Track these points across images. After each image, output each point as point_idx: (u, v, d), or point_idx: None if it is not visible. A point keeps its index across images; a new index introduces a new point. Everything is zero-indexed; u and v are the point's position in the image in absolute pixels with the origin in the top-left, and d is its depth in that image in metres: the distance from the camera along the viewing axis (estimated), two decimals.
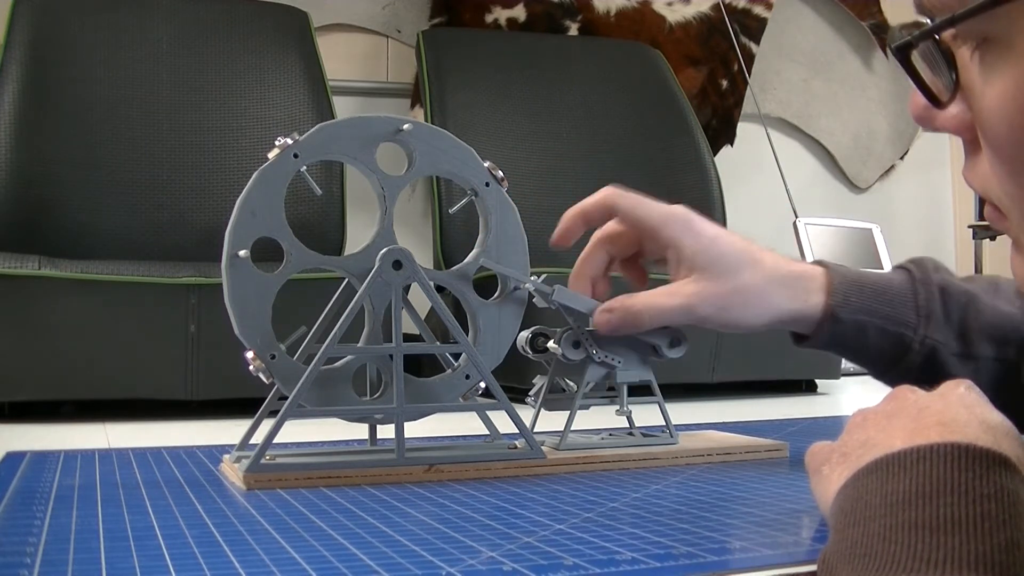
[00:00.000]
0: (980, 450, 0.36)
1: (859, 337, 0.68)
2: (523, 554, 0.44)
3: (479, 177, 0.69)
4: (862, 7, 2.75)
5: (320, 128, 0.66)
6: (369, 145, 0.67)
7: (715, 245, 0.68)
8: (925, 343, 0.68)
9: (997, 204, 0.38)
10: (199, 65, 1.88)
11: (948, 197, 2.96)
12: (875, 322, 0.68)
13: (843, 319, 0.68)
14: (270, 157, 0.64)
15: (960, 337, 0.68)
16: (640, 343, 0.72)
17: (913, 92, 0.38)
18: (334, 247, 1.75)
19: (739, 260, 0.68)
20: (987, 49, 0.34)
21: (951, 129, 0.37)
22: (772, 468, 0.70)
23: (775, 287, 0.68)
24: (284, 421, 0.63)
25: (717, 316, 0.67)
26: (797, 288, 0.68)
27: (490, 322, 0.69)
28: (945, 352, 0.68)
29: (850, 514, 0.37)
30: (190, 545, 0.47)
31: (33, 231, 1.67)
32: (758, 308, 0.67)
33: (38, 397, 1.40)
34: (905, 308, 0.68)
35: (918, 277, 0.69)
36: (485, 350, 0.69)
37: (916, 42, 0.35)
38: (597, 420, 0.79)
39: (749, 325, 0.68)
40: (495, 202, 0.69)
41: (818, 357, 1.79)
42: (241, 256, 0.63)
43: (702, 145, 2.22)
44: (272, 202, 0.64)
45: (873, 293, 0.68)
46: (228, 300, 0.63)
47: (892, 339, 0.68)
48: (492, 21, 2.34)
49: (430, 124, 0.70)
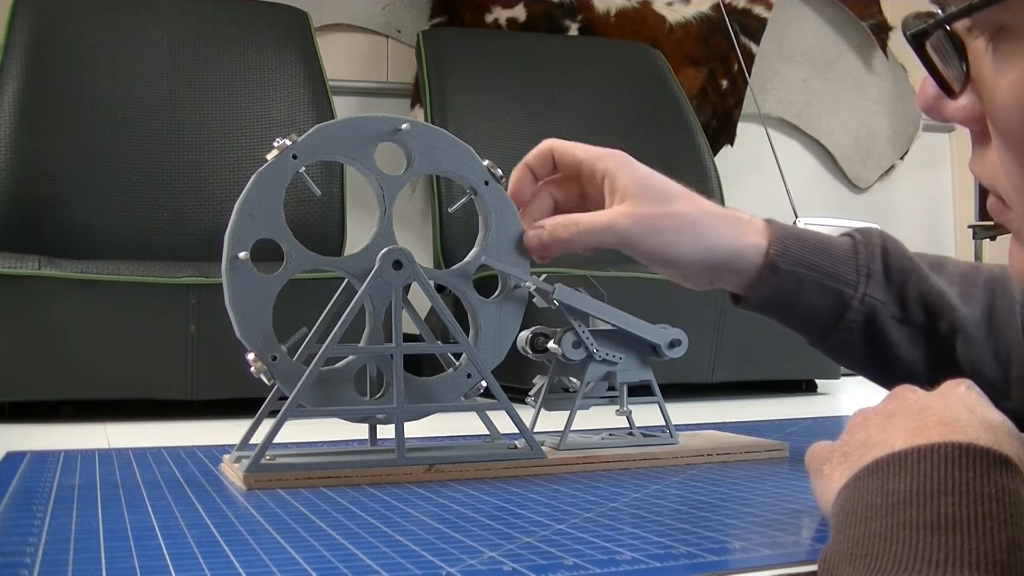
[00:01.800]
0: (981, 450, 0.36)
1: (797, 293, 0.67)
2: (523, 554, 0.44)
3: (478, 176, 0.69)
4: (862, 7, 2.75)
5: (318, 128, 0.66)
6: (367, 145, 0.67)
7: (651, 177, 0.67)
8: (865, 302, 0.66)
9: (1002, 195, 0.38)
10: (199, 65, 1.88)
11: (948, 197, 2.96)
12: (814, 276, 0.66)
13: (782, 269, 0.66)
14: (269, 158, 0.64)
15: (899, 301, 0.67)
16: (640, 343, 0.72)
17: (921, 83, 0.38)
18: (334, 247, 1.75)
19: (674, 191, 0.67)
20: (1002, 39, 0.34)
21: (960, 119, 0.37)
22: (772, 468, 0.70)
23: (710, 220, 0.66)
24: (284, 421, 0.62)
25: (647, 240, 0.65)
26: (735, 228, 0.67)
27: (491, 321, 0.69)
28: (884, 314, 0.67)
29: (851, 514, 0.37)
30: (190, 545, 0.47)
31: (33, 231, 1.67)
32: (690, 236, 0.65)
33: (38, 397, 1.40)
34: (845, 266, 0.67)
35: (859, 239, 0.69)
36: (486, 350, 0.69)
37: (932, 30, 0.35)
38: (597, 420, 0.79)
39: (680, 256, 0.66)
40: (495, 201, 0.69)
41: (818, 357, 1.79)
42: (241, 258, 0.63)
43: (702, 145, 2.22)
44: (271, 203, 0.64)
45: (814, 247, 0.67)
46: (229, 303, 0.63)
47: (831, 297, 0.67)
48: (492, 21, 2.34)
49: (429, 124, 0.69)
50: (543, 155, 0.70)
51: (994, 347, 0.66)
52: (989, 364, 0.66)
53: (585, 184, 0.70)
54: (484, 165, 0.69)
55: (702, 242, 0.66)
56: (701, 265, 0.67)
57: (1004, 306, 0.67)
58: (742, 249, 0.66)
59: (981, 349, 0.66)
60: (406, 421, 0.65)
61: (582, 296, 0.70)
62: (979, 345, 0.66)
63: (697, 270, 0.67)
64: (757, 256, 0.66)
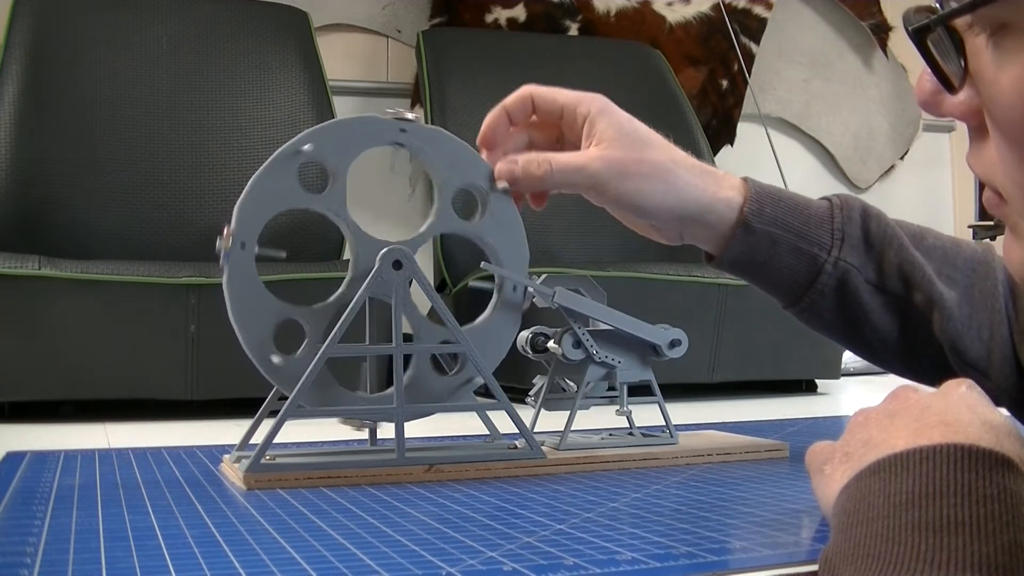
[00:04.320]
0: (983, 451, 0.36)
1: (770, 253, 0.66)
2: (523, 554, 0.44)
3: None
4: (862, 7, 2.75)
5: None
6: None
7: (629, 123, 0.66)
8: (838, 265, 0.66)
9: (999, 190, 0.38)
10: (199, 65, 1.88)
11: (948, 197, 2.96)
12: (788, 238, 0.66)
13: (756, 229, 0.65)
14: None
15: (877, 268, 0.67)
16: (640, 343, 0.72)
17: (920, 78, 0.38)
18: (335, 247, 1.75)
19: (650, 139, 0.66)
20: (1003, 35, 0.34)
21: (958, 115, 0.37)
22: (772, 468, 0.70)
23: (683, 171, 0.66)
24: (284, 421, 0.62)
25: (618, 184, 0.65)
26: (708, 180, 0.66)
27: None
28: (859, 279, 0.66)
29: (853, 514, 0.37)
30: (190, 545, 0.47)
31: (33, 231, 1.67)
32: (661, 185, 0.65)
33: (38, 397, 1.40)
34: (820, 229, 0.67)
35: (836, 203, 0.68)
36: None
37: (934, 25, 0.35)
38: (597, 420, 0.79)
39: (650, 204, 0.65)
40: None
41: (818, 357, 1.79)
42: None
43: (702, 145, 2.22)
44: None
45: (789, 208, 0.67)
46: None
47: (804, 259, 0.66)
48: (492, 21, 2.34)
49: (430, 124, 0.69)
50: (523, 100, 0.69)
51: (977, 326, 0.66)
52: (971, 342, 0.65)
53: (565, 129, 0.69)
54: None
55: (673, 191, 0.65)
56: (671, 215, 0.66)
57: (987, 287, 0.66)
58: (714, 203, 0.66)
59: (962, 326, 0.65)
60: (406, 421, 0.65)
61: (582, 298, 0.70)
62: (960, 322, 0.65)
63: (667, 221, 0.67)
64: (730, 212, 0.66)
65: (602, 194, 0.65)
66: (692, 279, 1.67)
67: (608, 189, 0.65)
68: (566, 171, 0.65)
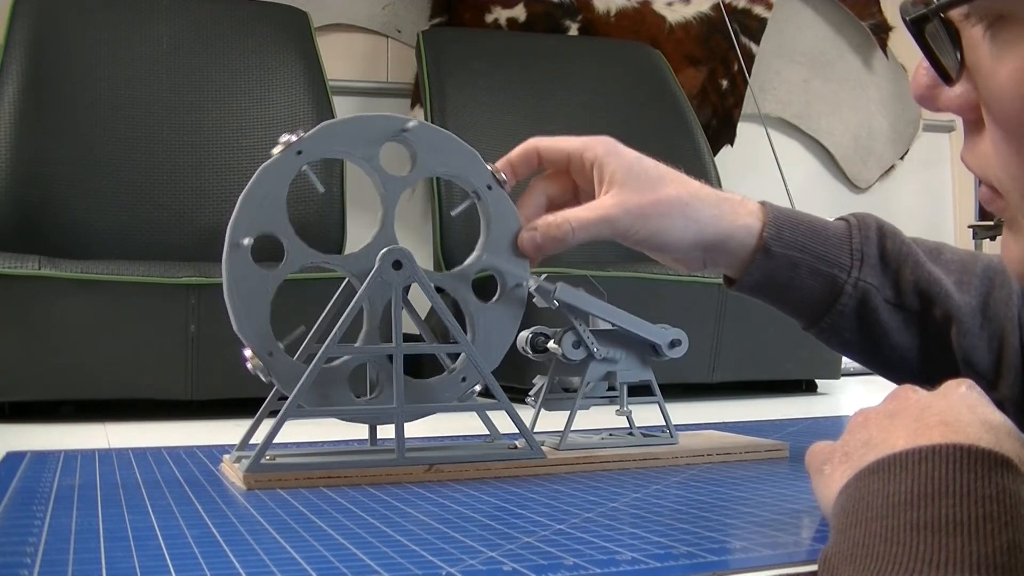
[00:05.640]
0: (982, 451, 0.36)
1: (791, 276, 0.67)
2: (523, 554, 0.44)
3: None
4: (862, 7, 2.75)
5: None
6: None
7: (639, 163, 0.67)
8: (858, 286, 0.66)
9: (995, 184, 0.38)
10: (199, 65, 1.88)
11: (948, 197, 2.96)
12: (807, 260, 0.66)
13: (775, 253, 0.66)
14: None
15: (894, 286, 0.67)
16: (640, 343, 0.72)
17: (915, 72, 0.38)
18: (334, 246, 1.75)
19: (662, 175, 0.67)
20: (1001, 27, 0.34)
21: (954, 108, 0.37)
22: (772, 468, 0.70)
23: (700, 204, 0.66)
24: (284, 421, 0.62)
25: (639, 228, 0.65)
26: (726, 209, 0.66)
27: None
28: (878, 298, 0.67)
29: (852, 514, 0.37)
30: (190, 545, 0.47)
31: (33, 231, 1.67)
32: (681, 220, 0.65)
33: (38, 397, 1.40)
34: (839, 250, 0.67)
35: (854, 224, 0.69)
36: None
37: (932, 16, 0.35)
38: (597, 420, 0.79)
39: (673, 241, 0.66)
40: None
41: (818, 357, 1.79)
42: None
43: (702, 145, 2.22)
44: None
45: (807, 231, 0.67)
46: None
47: (824, 281, 0.67)
48: (492, 21, 2.34)
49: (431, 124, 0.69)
50: (527, 154, 0.70)
51: (988, 336, 0.66)
52: (982, 353, 0.66)
53: (575, 175, 0.70)
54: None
55: (693, 225, 0.66)
56: (694, 248, 0.67)
57: (1001, 296, 0.67)
58: (734, 231, 0.66)
59: (975, 338, 0.66)
60: (406, 421, 0.65)
61: (583, 295, 0.70)
62: (973, 334, 0.66)
63: (690, 253, 0.67)
64: (750, 238, 0.66)
65: (626, 239, 0.66)
66: (692, 279, 1.67)
67: (631, 234, 0.66)
68: (587, 227, 0.66)
